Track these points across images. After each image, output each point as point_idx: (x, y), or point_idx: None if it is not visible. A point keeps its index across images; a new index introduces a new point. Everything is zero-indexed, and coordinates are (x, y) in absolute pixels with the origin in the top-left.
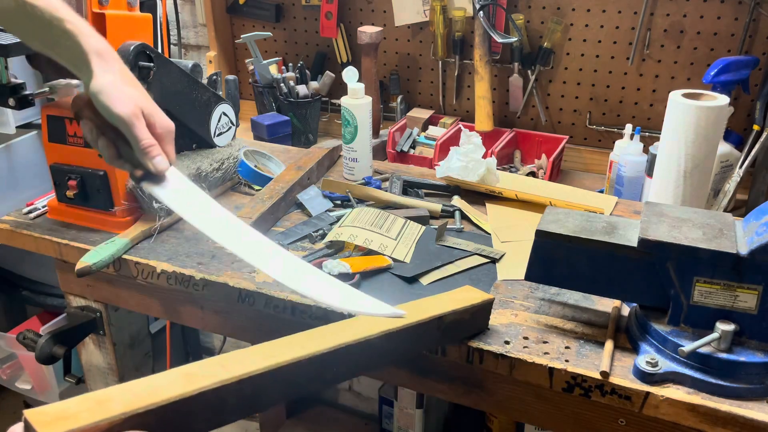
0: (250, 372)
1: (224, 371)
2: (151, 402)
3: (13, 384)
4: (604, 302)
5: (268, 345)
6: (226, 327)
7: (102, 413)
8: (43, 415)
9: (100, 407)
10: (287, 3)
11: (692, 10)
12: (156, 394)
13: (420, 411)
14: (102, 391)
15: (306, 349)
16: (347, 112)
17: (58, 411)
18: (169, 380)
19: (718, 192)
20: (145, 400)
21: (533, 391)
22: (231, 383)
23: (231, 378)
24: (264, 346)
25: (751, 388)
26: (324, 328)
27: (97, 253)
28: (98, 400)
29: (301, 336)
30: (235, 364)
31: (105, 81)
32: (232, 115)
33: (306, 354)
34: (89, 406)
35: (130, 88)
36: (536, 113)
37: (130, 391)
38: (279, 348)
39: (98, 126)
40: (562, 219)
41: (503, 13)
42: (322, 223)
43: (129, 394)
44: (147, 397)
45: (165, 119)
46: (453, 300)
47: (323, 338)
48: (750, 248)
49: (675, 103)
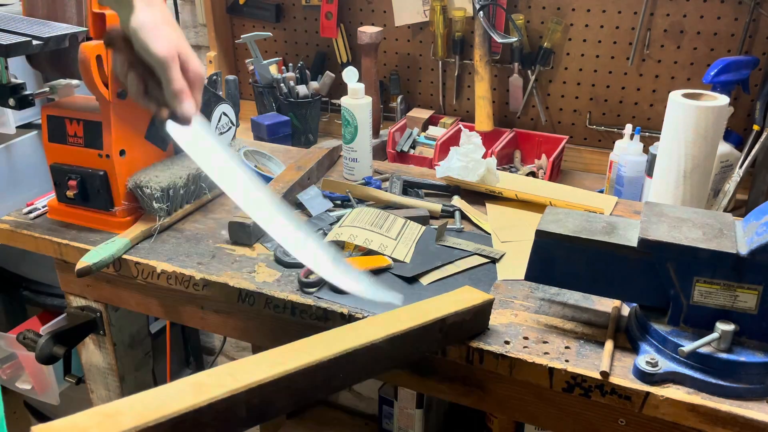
0: (259, 380)
1: (233, 381)
2: (162, 414)
3: (13, 384)
4: (604, 302)
5: (275, 352)
6: (226, 327)
7: (113, 428)
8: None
9: (111, 421)
10: (287, 3)
11: (692, 10)
12: (166, 406)
13: (420, 411)
14: (111, 404)
15: (313, 356)
16: (347, 112)
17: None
18: (178, 391)
19: (718, 192)
20: (156, 413)
21: (533, 391)
22: (240, 392)
23: (240, 387)
24: (271, 353)
25: (751, 388)
26: (327, 333)
27: (97, 253)
28: (107, 413)
29: (306, 342)
30: (244, 373)
31: (146, 18)
32: (232, 115)
33: (314, 360)
34: (99, 421)
35: (169, 28)
36: (536, 113)
37: (140, 403)
38: (286, 355)
39: (129, 60)
40: (562, 219)
41: (503, 13)
42: (322, 223)
43: (139, 406)
44: (157, 409)
45: (198, 65)
46: (454, 301)
47: (328, 344)
48: (750, 248)
49: (675, 103)
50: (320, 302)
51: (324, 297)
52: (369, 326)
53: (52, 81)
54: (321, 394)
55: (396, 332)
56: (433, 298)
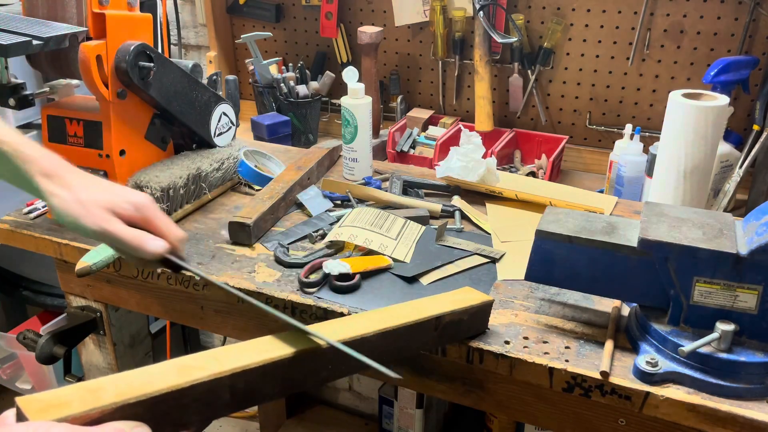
0: (243, 366)
1: (218, 364)
2: (144, 393)
3: (14, 384)
4: (604, 302)
5: (264, 340)
6: (226, 327)
7: (94, 402)
8: (35, 402)
9: (92, 396)
10: (287, 3)
11: (692, 10)
12: (149, 385)
13: (420, 411)
14: (95, 380)
15: (301, 345)
16: (347, 112)
17: (50, 398)
18: (162, 371)
19: (718, 192)
20: (138, 391)
21: (533, 391)
22: (224, 377)
23: (224, 371)
24: (259, 341)
25: (751, 388)
26: (320, 325)
27: (97, 253)
28: (91, 388)
29: (297, 332)
30: (229, 358)
31: (60, 202)
32: (232, 115)
33: (300, 349)
34: (81, 395)
35: (88, 194)
36: (536, 113)
37: (123, 381)
38: (274, 344)
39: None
40: (562, 219)
41: (503, 13)
42: (322, 223)
43: (122, 383)
44: (140, 387)
45: (136, 197)
46: (452, 301)
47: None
48: (750, 248)
49: (675, 103)
50: (320, 302)
51: (324, 297)
52: (363, 320)
53: (52, 81)
54: (309, 384)
55: (389, 327)
56: (431, 297)
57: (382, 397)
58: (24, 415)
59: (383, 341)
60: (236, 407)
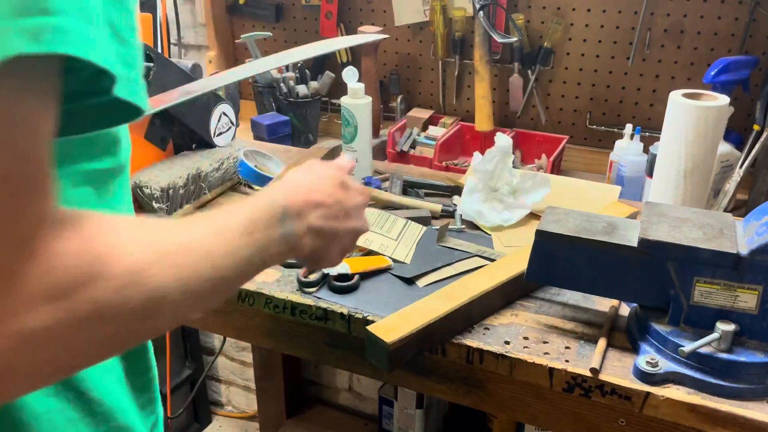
0: (470, 297)
1: (467, 292)
2: (437, 314)
3: None
4: (604, 302)
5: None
6: (226, 327)
7: (422, 319)
8: (379, 328)
9: (419, 315)
10: (287, 3)
11: (692, 10)
12: (438, 309)
13: (420, 411)
14: (398, 312)
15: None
16: (347, 112)
17: (388, 324)
18: (438, 301)
19: (718, 192)
20: (435, 312)
21: (533, 391)
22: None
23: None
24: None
25: (752, 388)
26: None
27: None
28: (405, 314)
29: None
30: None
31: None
32: (232, 115)
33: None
34: (409, 316)
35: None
36: (536, 113)
37: (421, 309)
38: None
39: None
40: (562, 219)
41: (503, 13)
42: None
43: (425, 308)
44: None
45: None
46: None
47: (474, 286)
48: (750, 248)
49: (675, 103)
50: (320, 302)
51: (323, 297)
52: (497, 269)
53: None
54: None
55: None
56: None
57: (382, 398)
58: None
59: (514, 285)
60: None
